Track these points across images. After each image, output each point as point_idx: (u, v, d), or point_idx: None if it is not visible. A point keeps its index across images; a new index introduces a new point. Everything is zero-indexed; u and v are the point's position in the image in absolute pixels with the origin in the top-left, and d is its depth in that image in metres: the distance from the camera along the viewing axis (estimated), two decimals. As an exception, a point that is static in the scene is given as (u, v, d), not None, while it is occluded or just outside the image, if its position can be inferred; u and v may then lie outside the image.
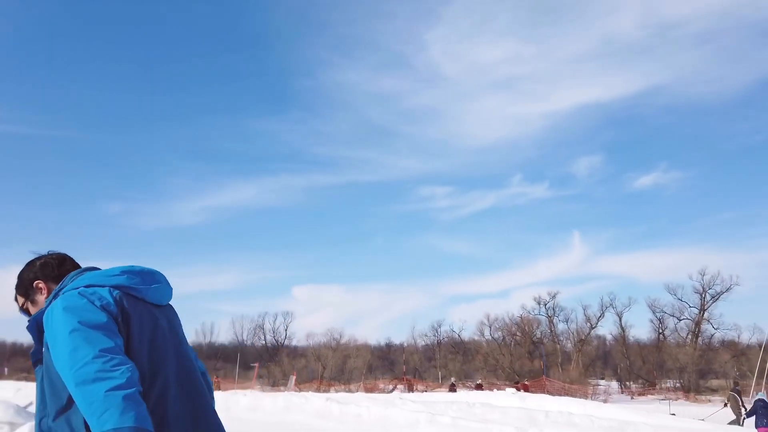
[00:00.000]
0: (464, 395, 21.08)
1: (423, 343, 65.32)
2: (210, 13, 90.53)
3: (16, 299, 2.03)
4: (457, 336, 59.09)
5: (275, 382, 43.26)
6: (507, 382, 39.41)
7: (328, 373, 46.33)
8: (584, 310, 47.94)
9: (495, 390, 29.99)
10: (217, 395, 12.79)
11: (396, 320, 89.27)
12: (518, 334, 47.86)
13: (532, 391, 32.68)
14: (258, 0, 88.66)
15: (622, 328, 48.57)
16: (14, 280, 2.05)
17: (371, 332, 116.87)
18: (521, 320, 47.84)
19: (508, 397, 18.52)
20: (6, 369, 43.27)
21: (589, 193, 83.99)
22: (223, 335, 71.79)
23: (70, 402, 1.65)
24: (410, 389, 45.58)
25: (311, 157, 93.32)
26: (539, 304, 48.41)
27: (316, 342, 51.67)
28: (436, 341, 61.33)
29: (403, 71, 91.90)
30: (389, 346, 72.49)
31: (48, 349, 1.72)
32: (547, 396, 19.96)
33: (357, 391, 43.25)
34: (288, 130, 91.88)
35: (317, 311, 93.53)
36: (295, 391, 34.02)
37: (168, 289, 2.00)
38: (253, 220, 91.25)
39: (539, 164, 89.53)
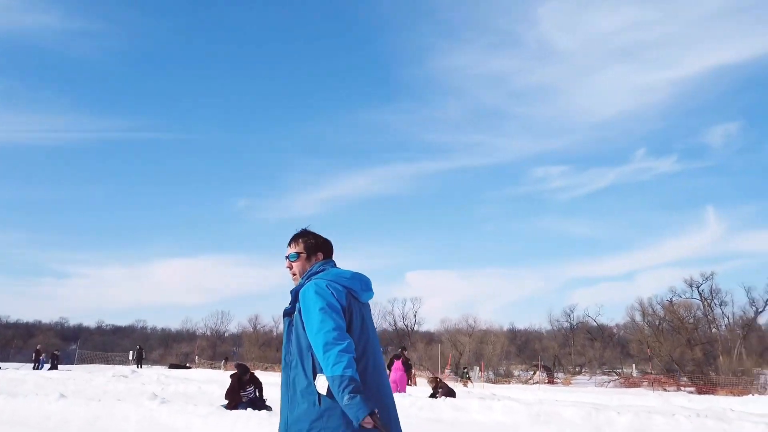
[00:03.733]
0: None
1: (549, 328, 63.04)
2: (317, 11, 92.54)
3: (294, 243, 2.75)
4: (593, 321, 56.22)
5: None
6: (671, 374, 36.53)
7: (464, 359, 45.89)
8: (747, 292, 43.20)
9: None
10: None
11: (512, 305, 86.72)
12: (666, 319, 44.29)
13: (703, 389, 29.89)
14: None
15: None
16: (287, 235, 2.78)
17: (488, 317, 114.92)
18: (671, 304, 44.16)
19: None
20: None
21: (726, 164, 75.89)
22: (347, 320, 73.44)
23: (307, 350, 2.41)
24: (551, 381, 43.86)
25: (422, 145, 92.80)
26: (691, 286, 44.43)
27: (448, 327, 51.33)
28: (569, 326, 58.82)
29: (513, 50, 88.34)
30: (513, 332, 70.78)
31: (299, 313, 2.47)
32: None
33: (500, 380, 42.36)
34: (398, 119, 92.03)
35: (432, 297, 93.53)
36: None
37: (372, 293, 2.68)
38: (367, 209, 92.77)
39: (666, 136, 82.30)
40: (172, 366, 35.42)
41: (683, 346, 37.06)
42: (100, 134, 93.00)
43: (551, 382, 43.72)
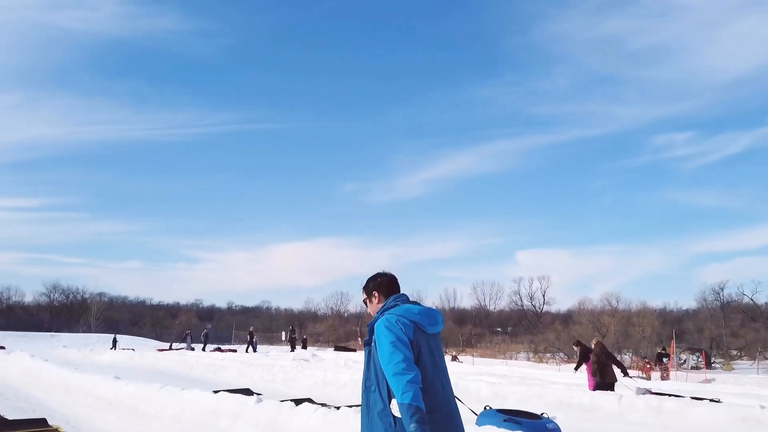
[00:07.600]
0: None
1: (692, 306, 57.54)
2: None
3: (363, 292, 3.13)
4: (749, 300, 50.44)
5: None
6: None
7: (608, 341, 42.66)
8: None
9: None
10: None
11: (636, 283, 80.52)
12: None
13: None
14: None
15: None
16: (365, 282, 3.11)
17: (628, 297, 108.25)
18: None
19: None
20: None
21: None
22: (466, 300, 72.39)
23: (383, 377, 2.61)
24: (707, 364, 39.57)
25: (528, 118, 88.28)
26: None
27: (587, 307, 48.18)
28: (719, 305, 53.28)
29: (627, 9, 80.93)
30: (652, 312, 65.61)
31: (375, 344, 2.71)
32: None
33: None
34: (502, 93, 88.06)
35: (545, 276, 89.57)
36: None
37: (441, 327, 2.89)
38: (473, 187, 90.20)
39: (810, 94, 71.82)
40: (338, 348, 35.41)
41: None
42: (217, 128, 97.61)
43: (707, 367, 39.65)
